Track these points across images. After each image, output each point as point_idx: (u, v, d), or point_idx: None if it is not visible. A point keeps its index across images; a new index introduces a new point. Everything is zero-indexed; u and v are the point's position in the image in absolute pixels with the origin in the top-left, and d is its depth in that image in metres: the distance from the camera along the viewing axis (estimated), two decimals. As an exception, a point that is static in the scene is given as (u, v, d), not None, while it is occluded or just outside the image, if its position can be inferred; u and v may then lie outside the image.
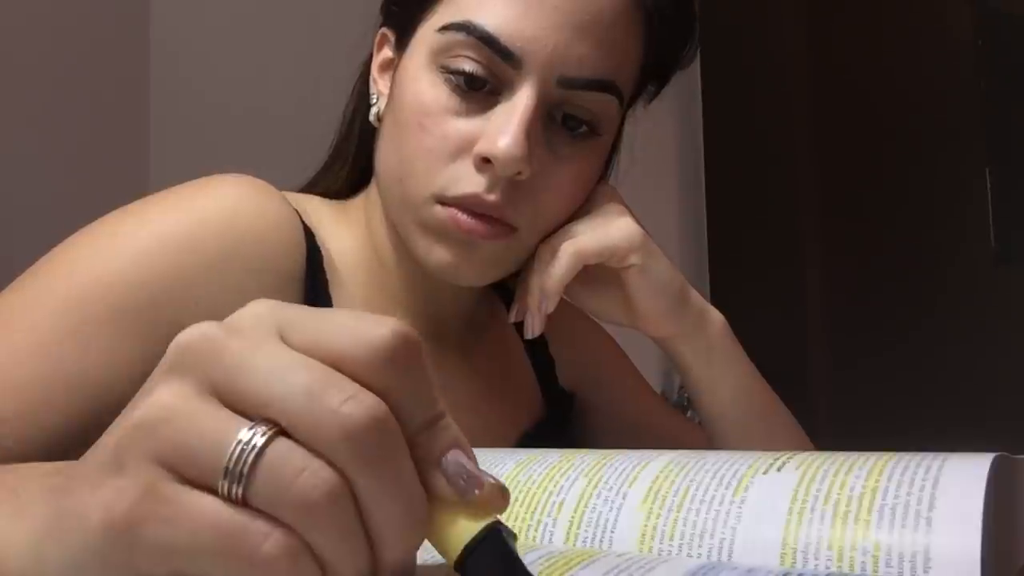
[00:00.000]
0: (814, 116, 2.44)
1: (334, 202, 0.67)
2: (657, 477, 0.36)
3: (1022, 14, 2.15)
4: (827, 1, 2.42)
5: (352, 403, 0.25)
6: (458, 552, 0.26)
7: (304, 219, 0.60)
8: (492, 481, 0.28)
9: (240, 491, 0.24)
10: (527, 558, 0.31)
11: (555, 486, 0.38)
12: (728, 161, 2.57)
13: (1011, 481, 0.32)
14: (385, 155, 0.61)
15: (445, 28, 0.57)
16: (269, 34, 1.41)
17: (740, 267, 2.52)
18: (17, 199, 1.19)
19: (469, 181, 0.56)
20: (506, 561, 0.27)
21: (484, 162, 0.56)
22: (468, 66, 0.56)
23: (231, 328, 0.26)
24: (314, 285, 0.59)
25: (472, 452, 0.28)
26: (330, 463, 0.25)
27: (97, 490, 0.25)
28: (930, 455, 0.32)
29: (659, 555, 0.33)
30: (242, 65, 1.41)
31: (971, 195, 2.18)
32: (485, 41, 0.55)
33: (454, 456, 0.27)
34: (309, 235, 0.60)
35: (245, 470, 0.24)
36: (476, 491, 0.27)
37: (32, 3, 1.23)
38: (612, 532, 0.35)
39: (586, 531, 0.35)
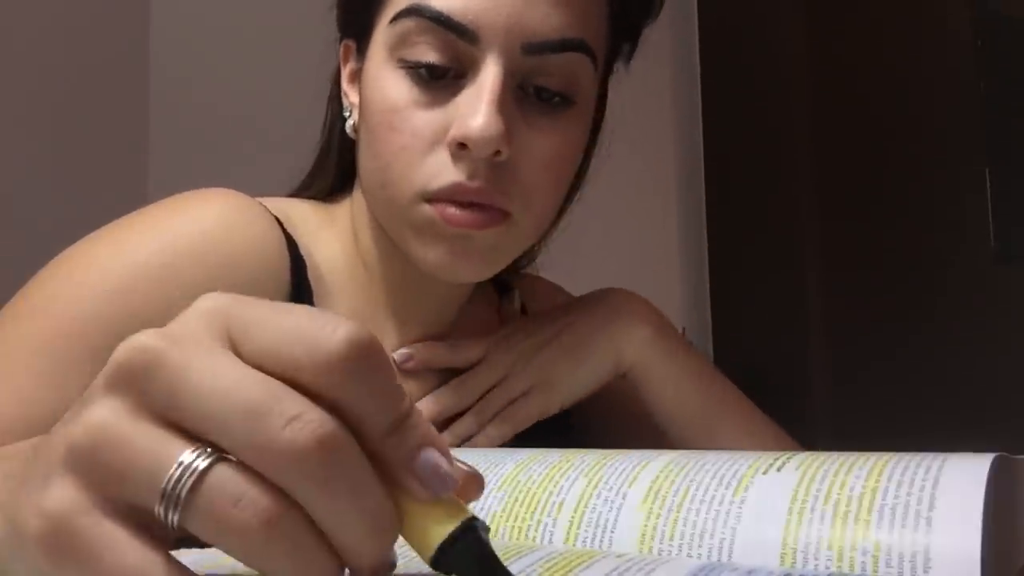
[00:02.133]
0: (814, 117, 2.44)
1: (321, 205, 0.66)
2: (657, 477, 0.36)
3: (1022, 16, 2.15)
4: (827, 2, 2.42)
5: (295, 425, 0.23)
6: (433, 551, 0.26)
7: (287, 228, 0.60)
8: (466, 470, 0.27)
9: (176, 517, 0.23)
10: (526, 559, 0.31)
11: (555, 486, 0.38)
12: (727, 163, 2.57)
13: (1011, 481, 0.32)
14: (364, 162, 0.60)
15: (395, 18, 0.55)
16: (269, 34, 1.41)
17: (740, 267, 2.52)
18: (17, 199, 1.19)
19: (449, 171, 0.54)
20: (481, 557, 0.26)
21: (460, 148, 0.54)
22: (427, 54, 0.54)
23: (174, 337, 0.25)
24: (299, 298, 0.58)
25: (444, 443, 0.27)
26: (277, 487, 0.24)
27: (24, 503, 0.25)
28: (930, 455, 0.32)
29: (659, 555, 0.33)
30: (242, 65, 1.41)
31: (971, 195, 2.19)
32: (437, 21, 0.53)
33: (426, 457, 0.26)
34: (292, 245, 0.59)
35: (183, 494, 0.23)
36: (451, 488, 0.26)
37: (32, 3, 1.23)
38: (612, 532, 0.35)
39: (586, 531, 0.35)
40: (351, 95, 0.63)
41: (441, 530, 0.26)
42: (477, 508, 0.39)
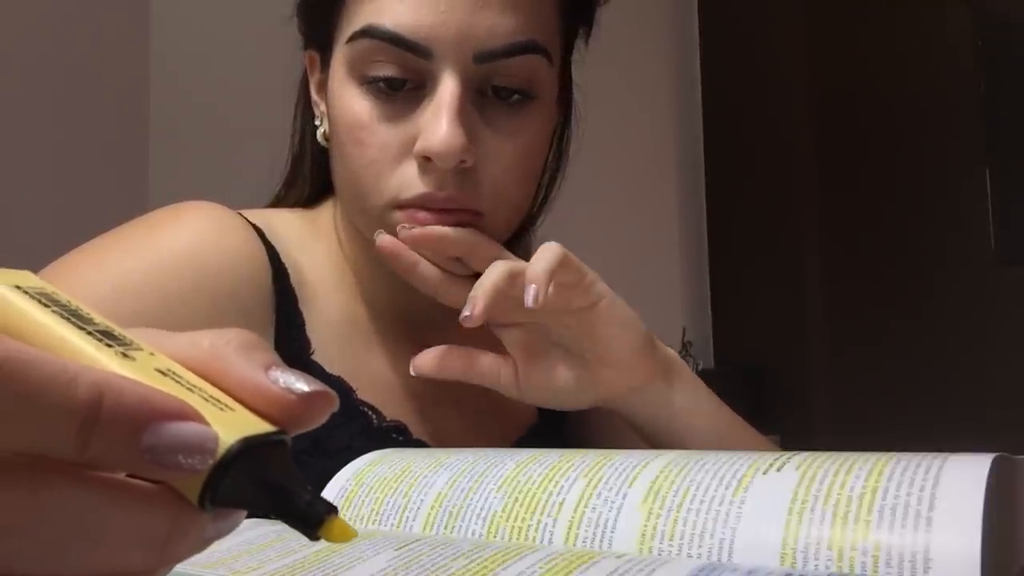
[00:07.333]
0: (814, 117, 2.44)
1: (303, 212, 0.68)
2: (657, 477, 0.36)
3: (1022, 16, 2.15)
4: (827, 3, 2.42)
5: None
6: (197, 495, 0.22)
7: (269, 237, 0.61)
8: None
9: None
10: (527, 560, 0.31)
11: (555, 486, 0.38)
12: (728, 163, 2.57)
13: (1011, 481, 0.32)
14: (337, 174, 0.62)
15: (351, 38, 0.57)
16: (268, 34, 1.41)
17: (741, 266, 2.52)
18: (18, 198, 1.19)
19: (417, 183, 0.56)
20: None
21: (426, 160, 0.56)
22: (384, 70, 0.56)
23: None
24: (284, 305, 0.59)
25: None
26: None
27: None
28: (930, 455, 0.32)
29: (659, 555, 0.33)
30: (242, 65, 1.41)
31: (971, 195, 2.19)
32: (390, 40, 0.55)
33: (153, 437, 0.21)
34: (274, 254, 0.60)
35: None
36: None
37: (32, 4, 1.23)
38: (612, 532, 0.35)
39: (586, 531, 0.35)
40: (321, 104, 0.64)
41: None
42: (478, 510, 0.39)
